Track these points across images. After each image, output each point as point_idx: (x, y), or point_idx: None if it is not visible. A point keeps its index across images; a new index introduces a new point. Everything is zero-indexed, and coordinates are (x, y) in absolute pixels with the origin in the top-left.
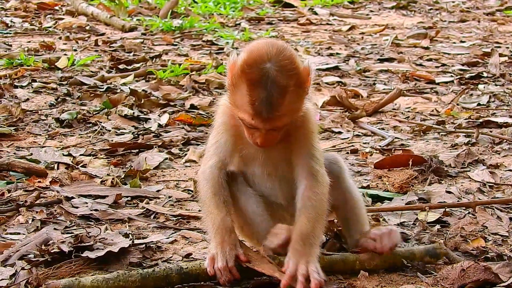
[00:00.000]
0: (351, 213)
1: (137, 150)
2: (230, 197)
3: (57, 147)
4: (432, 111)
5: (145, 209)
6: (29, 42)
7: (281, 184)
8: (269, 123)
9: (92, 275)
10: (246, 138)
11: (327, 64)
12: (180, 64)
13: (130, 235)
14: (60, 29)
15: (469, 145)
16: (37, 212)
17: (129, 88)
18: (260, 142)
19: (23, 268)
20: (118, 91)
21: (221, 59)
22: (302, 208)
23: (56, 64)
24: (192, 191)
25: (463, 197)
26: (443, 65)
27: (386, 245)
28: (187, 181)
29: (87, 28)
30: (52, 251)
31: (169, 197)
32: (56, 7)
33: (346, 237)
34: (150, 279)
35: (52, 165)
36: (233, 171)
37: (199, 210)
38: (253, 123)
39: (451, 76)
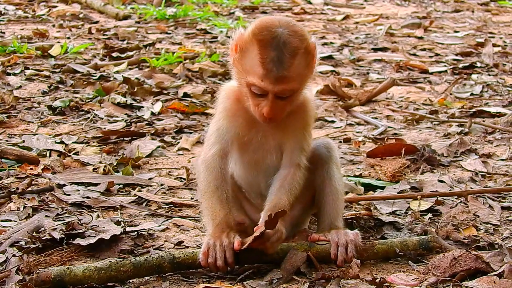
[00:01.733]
0: (327, 201)
1: (129, 138)
2: (231, 190)
3: (50, 135)
4: (425, 100)
5: (137, 196)
6: (22, 29)
7: (266, 174)
8: (278, 84)
9: (84, 262)
10: (246, 123)
11: (321, 53)
12: (173, 53)
13: (122, 222)
14: (53, 17)
15: (462, 134)
16: (28, 199)
17: (122, 76)
18: (267, 111)
19: (14, 255)
20: (111, 79)
21: (215, 48)
22: (281, 187)
23: (49, 51)
24: (184, 179)
25: (455, 186)
26: (437, 54)
27: (339, 257)
28: (179, 169)
29: (81, 16)
30: (43, 238)
31: (161, 185)
32: None
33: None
34: (142, 269)
35: (44, 153)
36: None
37: (191, 198)
38: (262, 85)
39: (445, 66)
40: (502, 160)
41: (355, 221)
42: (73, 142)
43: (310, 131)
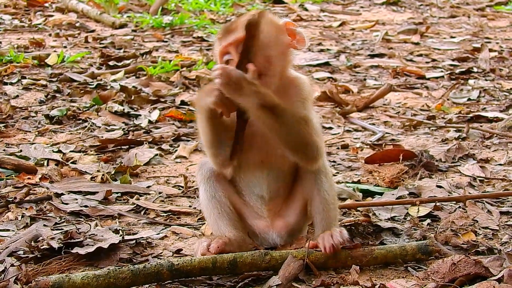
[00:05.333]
0: (318, 211)
1: (127, 146)
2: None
3: (47, 144)
4: (423, 106)
5: (135, 205)
6: (19, 39)
7: (270, 175)
8: (228, 34)
9: (82, 271)
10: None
11: (317, 60)
12: (170, 61)
13: (120, 231)
14: (50, 26)
15: (460, 139)
16: (26, 208)
17: (119, 84)
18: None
19: (12, 265)
20: (108, 87)
21: (211, 55)
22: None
23: (46, 61)
24: (182, 187)
25: (454, 192)
26: (434, 60)
27: (325, 245)
28: (177, 177)
29: (77, 25)
30: (41, 248)
31: (160, 193)
32: (46, 4)
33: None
34: (141, 276)
35: (42, 162)
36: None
37: (190, 206)
38: (221, 46)
39: (442, 71)
40: (500, 165)
41: (353, 228)
42: (70, 151)
43: (310, 106)
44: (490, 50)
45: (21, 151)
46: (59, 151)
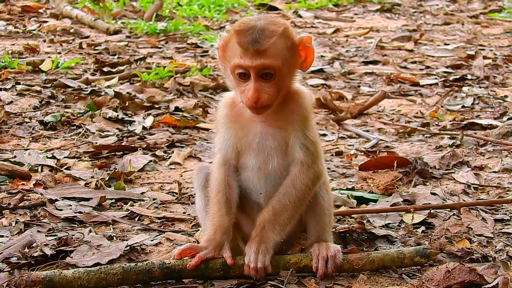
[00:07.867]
0: (312, 217)
1: (121, 153)
2: (235, 195)
3: (41, 150)
4: (417, 113)
5: (129, 211)
6: (13, 45)
7: (267, 181)
8: (256, 58)
9: None
10: (244, 125)
11: (312, 66)
12: (164, 67)
13: (114, 237)
14: (44, 32)
15: (454, 147)
16: (20, 214)
17: (114, 90)
18: (251, 93)
19: (6, 271)
20: (103, 93)
21: (206, 62)
22: (275, 195)
23: (40, 66)
24: (176, 193)
25: (448, 199)
26: (428, 67)
27: (318, 267)
28: (171, 183)
29: (72, 31)
30: (35, 254)
31: (154, 199)
32: (40, 10)
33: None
34: (132, 273)
35: (36, 168)
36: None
37: (184, 212)
38: (242, 62)
39: (436, 78)
40: (494, 172)
41: (348, 235)
42: (64, 157)
43: (311, 126)
44: (484, 57)
45: (15, 157)
46: (53, 157)
